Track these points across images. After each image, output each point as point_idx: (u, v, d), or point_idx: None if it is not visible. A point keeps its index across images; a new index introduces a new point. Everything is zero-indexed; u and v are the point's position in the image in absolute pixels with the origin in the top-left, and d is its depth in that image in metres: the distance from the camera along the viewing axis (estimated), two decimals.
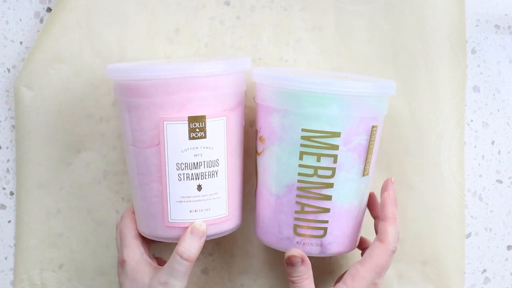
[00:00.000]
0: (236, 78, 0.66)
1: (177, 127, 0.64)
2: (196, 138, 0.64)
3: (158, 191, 0.65)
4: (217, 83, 0.64)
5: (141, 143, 0.65)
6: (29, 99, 0.73)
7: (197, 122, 0.64)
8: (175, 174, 0.64)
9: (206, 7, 0.73)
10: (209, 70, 0.64)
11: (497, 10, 0.75)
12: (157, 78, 0.63)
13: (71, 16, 0.72)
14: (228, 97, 0.65)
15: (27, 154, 0.74)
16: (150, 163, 0.65)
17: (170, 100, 0.63)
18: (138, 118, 0.65)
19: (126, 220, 0.68)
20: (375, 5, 0.72)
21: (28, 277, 0.75)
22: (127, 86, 0.65)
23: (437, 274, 0.74)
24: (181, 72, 0.63)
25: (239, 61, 0.67)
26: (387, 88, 0.64)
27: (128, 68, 0.64)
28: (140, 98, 0.64)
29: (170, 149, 0.64)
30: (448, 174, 0.73)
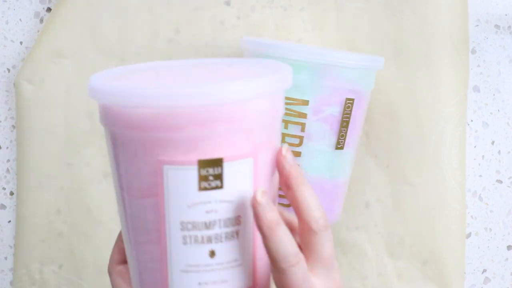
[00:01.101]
0: (277, 99, 0.48)
1: (183, 174, 0.46)
2: (209, 188, 0.47)
3: (156, 255, 0.48)
4: (250, 111, 0.46)
5: (134, 190, 0.48)
6: (30, 94, 0.73)
7: (210, 168, 0.46)
8: (178, 235, 0.47)
9: (206, 7, 0.73)
10: (235, 94, 0.45)
11: (497, 10, 0.75)
12: (155, 106, 0.45)
13: (72, 11, 0.72)
14: (260, 129, 0.47)
15: (27, 152, 0.74)
16: (146, 219, 0.48)
17: (175, 137, 0.46)
18: (128, 157, 0.47)
19: (114, 277, 0.55)
20: (376, 3, 0.72)
21: (28, 272, 0.75)
22: (114, 113, 0.47)
23: (437, 274, 0.74)
24: (192, 98, 0.45)
25: (281, 76, 0.47)
26: (364, 61, 0.63)
27: (115, 88, 0.46)
28: (130, 130, 0.46)
29: (172, 203, 0.47)
30: (449, 173, 0.73)
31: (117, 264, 0.55)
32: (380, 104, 0.73)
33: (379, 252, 0.74)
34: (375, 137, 0.73)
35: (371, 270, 0.74)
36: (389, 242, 0.74)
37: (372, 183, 0.74)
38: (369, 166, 0.73)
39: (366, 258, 0.74)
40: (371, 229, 0.73)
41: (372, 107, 0.73)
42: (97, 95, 0.47)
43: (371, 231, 0.74)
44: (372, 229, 0.73)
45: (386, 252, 0.74)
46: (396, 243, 0.74)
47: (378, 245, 0.74)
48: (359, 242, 0.74)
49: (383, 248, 0.74)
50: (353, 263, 0.74)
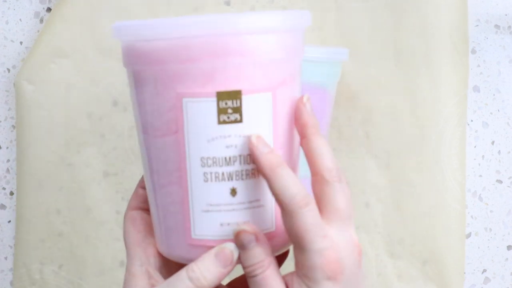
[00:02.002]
0: (292, 38, 0.48)
1: (202, 106, 0.46)
2: (229, 122, 0.46)
3: (177, 197, 0.48)
4: (261, 45, 0.46)
5: (154, 130, 0.48)
6: (30, 94, 0.73)
7: (229, 100, 0.46)
8: (199, 173, 0.47)
9: (206, 7, 0.73)
10: (250, 25, 0.45)
11: (497, 10, 0.75)
12: (170, 36, 0.45)
13: (72, 11, 0.72)
14: (278, 66, 0.47)
15: (27, 152, 0.74)
16: (167, 158, 0.48)
17: (191, 68, 0.46)
18: (149, 95, 0.48)
19: (125, 223, 0.55)
20: (376, 3, 0.72)
21: (27, 272, 0.75)
22: (132, 50, 0.48)
23: (437, 274, 0.74)
24: (207, 27, 0.45)
25: (296, 14, 0.48)
26: (307, 52, 0.62)
27: (134, 24, 0.47)
28: (149, 65, 0.47)
29: (192, 138, 0.47)
30: (449, 173, 0.73)
31: (131, 210, 0.55)
32: (380, 104, 0.73)
33: (379, 252, 0.74)
34: (375, 137, 0.73)
35: (371, 270, 0.74)
36: (389, 242, 0.74)
37: (372, 183, 0.74)
38: (369, 166, 0.73)
39: (366, 258, 0.74)
40: (371, 229, 0.73)
41: (372, 107, 0.73)
42: (117, 33, 0.48)
43: (371, 231, 0.73)
44: (372, 229, 0.73)
45: (386, 252, 0.74)
46: (396, 243, 0.74)
47: (378, 245, 0.74)
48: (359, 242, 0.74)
49: (383, 248, 0.74)
50: None
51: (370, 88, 0.73)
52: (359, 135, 0.73)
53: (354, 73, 0.73)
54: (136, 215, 0.54)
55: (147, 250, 0.53)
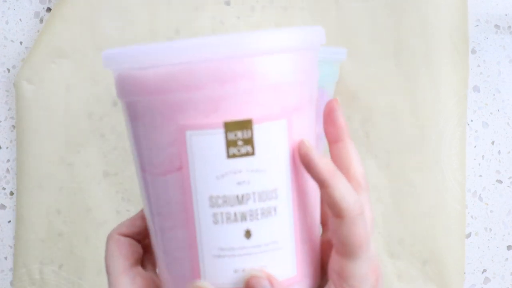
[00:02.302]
0: (305, 57, 0.43)
1: (208, 139, 0.41)
2: (239, 155, 0.42)
3: (184, 242, 0.43)
4: (271, 66, 0.42)
5: (155, 167, 0.43)
6: (30, 94, 0.73)
7: (239, 131, 0.41)
8: (208, 213, 0.42)
9: (206, 7, 0.73)
10: (259, 45, 0.41)
11: (497, 10, 0.75)
12: (169, 62, 0.41)
13: (72, 11, 0.72)
14: (291, 88, 0.43)
15: (27, 152, 0.74)
16: (170, 199, 0.43)
17: (194, 97, 0.41)
18: (147, 128, 0.43)
19: (109, 246, 0.48)
20: (376, 3, 0.72)
21: (27, 272, 0.75)
22: (127, 79, 0.43)
23: (437, 274, 0.74)
24: (210, 50, 0.41)
25: (310, 31, 0.43)
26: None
27: (127, 51, 0.42)
28: (146, 96, 0.42)
29: (198, 176, 0.42)
30: (449, 173, 0.73)
31: (118, 234, 0.49)
32: (380, 104, 0.73)
33: (379, 252, 0.74)
34: (375, 137, 0.73)
35: None
36: (389, 242, 0.74)
37: (372, 183, 0.74)
38: (369, 166, 0.73)
39: None
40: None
41: (372, 107, 0.73)
42: (108, 62, 0.43)
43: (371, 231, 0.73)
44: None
45: (386, 252, 0.74)
46: (396, 243, 0.74)
47: (378, 245, 0.74)
48: None
49: (383, 248, 0.74)
50: None
51: (370, 88, 0.73)
52: (359, 135, 0.73)
53: (354, 73, 0.73)
54: (124, 239, 0.49)
55: (136, 281, 0.47)
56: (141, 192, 0.46)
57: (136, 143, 0.44)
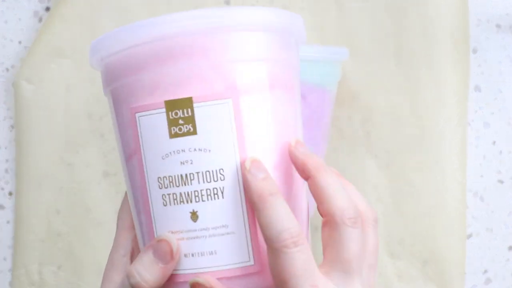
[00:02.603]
0: (256, 39, 0.43)
1: (152, 120, 0.42)
2: (181, 134, 0.42)
3: (146, 225, 0.44)
4: (214, 43, 0.41)
5: (123, 152, 0.45)
6: (29, 93, 0.73)
7: (179, 110, 0.42)
8: (158, 195, 0.43)
9: (206, 6, 0.73)
10: (198, 22, 0.41)
11: (498, 10, 0.74)
12: (118, 49, 0.42)
13: (72, 10, 0.72)
14: (241, 70, 0.42)
15: (26, 152, 0.73)
16: (136, 183, 0.44)
17: (140, 79, 0.42)
18: (117, 116, 0.45)
19: (122, 206, 0.49)
20: (376, 3, 0.72)
21: (26, 272, 0.75)
22: (103, 70, 0.46)
23: (438, 274, 0.74)
24: (149, 31, 0.41)
25: (267, 12, 0.43)
26: (306, 52, 0.62)
27: (97, 41, 0.45)
28: (112, 83, 0.44)
29: (147, 156, 0.43)
30: (449, 173, 0.73)
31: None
32: (380, 104, 0.73)
33: (379, 252, 0.74)
34: (376, 137, 0.73)
35: None
36: (389, 242, 0.74)
37: (372, 183, 0.73)
38: (370, 167, 0.73)
39: None
40: None
41: (372, 107, 0.73)
42: (92, 56, 0.45)
43: None
44: None
45: (386, 252, 0.74)
46: (396, 243, 0.74)
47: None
48: None
49: (383, 248, 0.74)
50: None
51: (370, 88, 0.73)
52: (359, 135, 0.73)
53: (355, 73, 0.73)
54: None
55: (135, 240, 0.48)
56: (125, 180, 0.47)
57: (115, 133, 0.46)
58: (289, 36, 0.44)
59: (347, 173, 0.73)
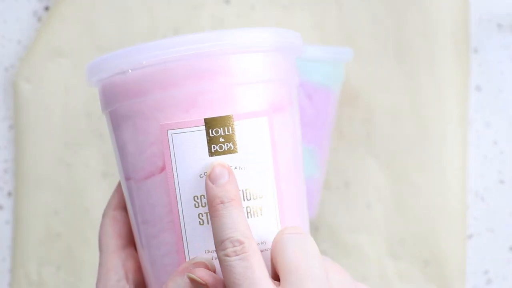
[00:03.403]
0: (283, 58, 0.44)
1: (189, 137, 0.41)
2: (221, 153, 0.41)
3: (171, 246, 0.42)
4: (250, 64, 0.42)
5: (138, 171, 0.43)
6: (28, 93, 0.73)
7: (220, 127, 0.41)
8: (194, 214, 0.42)
9: (206, 6, 0.73)
10: (237, 42, 0.41)
11: (500, 9, 0.74)
12: (147, 63, 0.41)
13: (71, 10, 0.72)
14: (272, 88, 0.43)
15: (25, 152, 0.73)
16: (156, 202, 0.42)
17: (173, 95, 0.41)
18: (131, 133, 0.43)
19: (104, 222, 0.47)
20: (377, 2, 0.72)
21: (25, 272, 0.75)
22: (109, 88, 0.44)
23: (439, 275, 0.74)
24: (187, 48, 0.41)
25: (288, 33, 0.44)
26: (308, 52, 0.62)
27: (105, 58, 0.43)
28: (128, 100, 0.42)
29: (182, 175, 0.42)
30: (450, 173, 0.73)
31: (113, 209, 0.47)
32: (381, 103, 0.73)
33: (380, 253, 0.74)
34: (377, 137, 0.73)
35: (372, 271, 0.74)
36: (391, 243, 0.74)
37: (374, 183, 0.73)
38: (371, 167, 0.73)
39: (367, 259, 0.74)
40: (373, 230, 0.73)
41: (373, 107, 0.73)
42: (91, 75, 0.44)
43: (373, 232, 0.73)
44: (373, 230, 0.73)
45: (387, 253, 0.74)
46: (398, 244, 0.74)
47: (379, 246, 0.74)
48: (361, 243, 0.74)
49: (384, 249, 0.74)
50: (354, 264, 0.74)
51: (371, 88, 0.73)
52: (360, 135, 0.73)
53: (355, 72, 0.73)
54: (119, 216, 0.47)
55: (127, 263, 0.46)
56: (127, 203, 0.45)
57: (120, 150, 0.44)
58: (294, 56, 0.46)
59: (347, 173, 0.73)
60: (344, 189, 0.74)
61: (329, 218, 0.74)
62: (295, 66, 0.45)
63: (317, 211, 0.72)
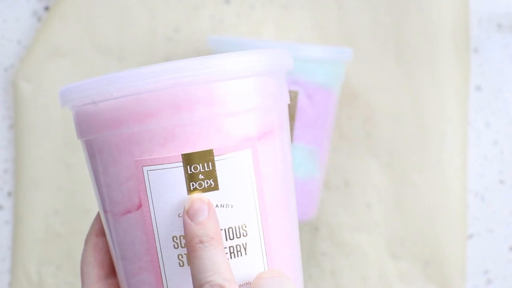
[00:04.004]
0: (271, 81, 0.40)
1: (166, 174, 0.38)
2: (201, 190, 0.39)
3: (151, 285, 0.40)
4: (232, 92, 0.39)
5: (115, 205, 0.41)
6: (28, 93, 0.73)
7: (199, 163, 0.38)
8: (172, 255, 0.39)
9: (206, 5, 0.73)
10: (218, 70, 0.38)
11: (500, 9, 0.74)
12: (120, 94, 0.38)
13: (71, 10, 0.72)
14: (256, 116, 0.40)
15: (25, 152, 0.73)
16: (134, 240, 0.40)
17: (148, 128, 0.38)
18: (105, 164, 0.40)
19: (86, 249, 0.45)
20: (377, 2, 0.72)
21: (25, 273, 0.75)
22: (81, 116, 0.41)
23: (439, 275, 0.74)
24: (161, 78, 0.38)
25: (275, 54, 0.40)
26: (309, 52, 0.62)
27: (78, 85, 0.40)
28: (101, 131, 0.40)
29: (159, 214, 0.39)
30: (451, 173, 0.73)
31: (96, 235, 0.46)
32: (381, 103, 0.72)
33: (380, 253, 0.74)
34: (377, 137, 0.73)
35: (372, 271, 0.74)
36: (391, 243, 0.74)
37: (374, 183, 0.73)
38: (371, 167, 0.73)
39: (367, 259, 0.74)
40: (373, 230, 0.73)
41: (373, 106, 0.73)
42: (64, 101, 0.42)
43: (373, 232, 0.73)
44: (373, 230, 0.73)
45: (388, 253, 0.74)
46: (398, 244, 0.74)
47: (379, 246, 0.74)
48: (361, 243, 0.74)
49: (384, 249, 0.74)
50: (354, 265, 0.74)
51: (371, 87, 0.72)
52: (360, 135, 0.73)
53: (355, 72, 0.73)
54: (101, 243, 0.45)
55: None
56: (107, 236, 0.43)
57: (96, 182, 0.42)
58: (285, 75, 0.43)
59: (348, 174, 0.73)
60: (344, 189, 0.74)
61: (329, 218, 0.74)
62: (285, 86, 0.42)
63: (317, 211, 0.72)
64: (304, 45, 0.65)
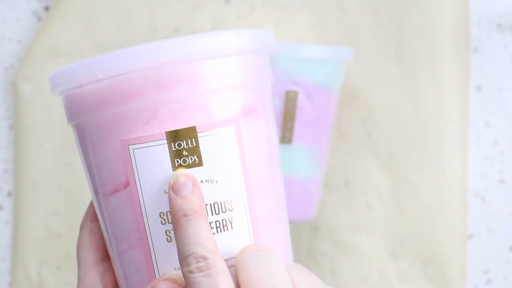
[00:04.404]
0: (253, 61, 0.42)
1: (151, 152, 0.40)
2: (186, 166, 0.40)
3: (141, 263, 0.41)
4: (213, 70, 0.40)
5: (105, 186, 0.42)
6: (28, 93, 0.73)
7: (182, 140, 0.39)
8: (160, 231, 0.40)
9: (206, 6, 0.73)
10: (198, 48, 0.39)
11: (500, 9, 0.74)
12: (105, 76, 0.40)
13: (71, 10, 0.72)
14: (238, 93, 0.41)
15: (25, 152, 0.73)
16: (124, 218, 0.41)
17: (132, 107, 0.40)
18: (94, 146, 0.41)
19: (81, 234, 0.46)
20: (377, 1, 0.72)
21: (25, 273, 0.75)
22: (71, 101, 0.42)
23: (439, 275, 0.74)
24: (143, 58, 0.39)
25: (255, 34, 0.42)
26: (309, 52, 0.62)
27: (63, 70, 0.42)
28: (89, 113, 0.41)
29: (146, 191, 0.40)
30: (451, 173, 0.73)
31: (91, 221, 0.46)
32: (381, 103, 0.72)
33: (380, 253, 0.74)
34: (377, 137, 0.73)
35: (372, 271, 0.74)
36: (391, 243, 0.74)
37: (374, 183, 0.73)
38: (371, 167, 0.73)
39: (367, 259, 0.74)
40: (373, 230, 0.73)
41: (373, 106, 0.73)
42: (53, 87, 0.42)
43: (373, 232, 0.73)
44: (373, 230, 0.73)
45: (388, 253, 0.74)
46: (398, 244, 0.74)
47: (379, 246, 0.74)
48: (361, 243, 0.74)
49: (384, 249, 0.74)
50: (354, 265, 0.74)
51: (371, 87, 0.72)
52: (360, 135, 0.73)
53: (355, 72, 0.73)
54: (96, 228, 0.46)
55: (105, 277, 0.45)
56: (99, 217, 0.44)
57: (87, 164, 0.43)
58: (267, 54, 0.44)
59: (348, 174, 0.73)
60: (344, 189, 0.74)
61: (329, 218, 0.74)
62: (267, 66, 0.43)
63: (317, 211, 0.72)
64: (304, 45, 0.65)
